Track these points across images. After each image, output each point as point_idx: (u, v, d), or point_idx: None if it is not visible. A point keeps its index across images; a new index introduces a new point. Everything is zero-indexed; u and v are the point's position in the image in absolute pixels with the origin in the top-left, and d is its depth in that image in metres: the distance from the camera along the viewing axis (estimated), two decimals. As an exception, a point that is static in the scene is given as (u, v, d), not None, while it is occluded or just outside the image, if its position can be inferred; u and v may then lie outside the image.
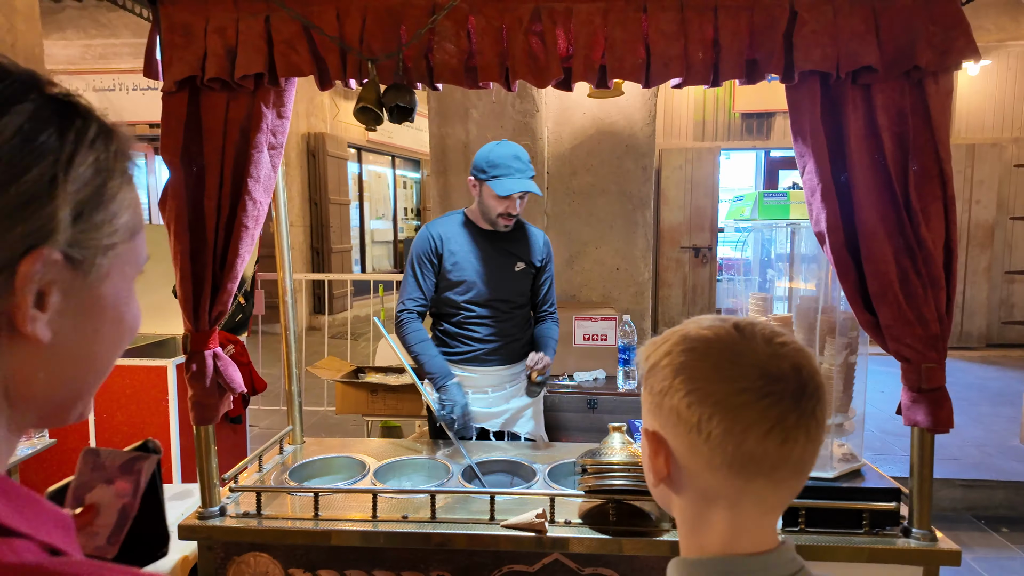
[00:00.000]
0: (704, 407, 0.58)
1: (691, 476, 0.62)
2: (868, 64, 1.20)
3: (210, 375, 1.40)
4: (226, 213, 1.35)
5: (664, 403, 0.62)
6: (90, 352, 0.45)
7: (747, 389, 0.57)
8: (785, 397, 0.57)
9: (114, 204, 0.44)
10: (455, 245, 2.01)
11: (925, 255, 1.26)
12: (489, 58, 1.26)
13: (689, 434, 0.59)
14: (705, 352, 0.61)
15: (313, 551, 1.44)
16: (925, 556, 1.34)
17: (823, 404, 0.59)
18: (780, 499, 0.61)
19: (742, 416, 0.57)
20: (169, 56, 1.29)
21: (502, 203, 1.93)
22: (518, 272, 2.06)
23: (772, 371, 0.58)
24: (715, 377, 0.59)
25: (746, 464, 0.58)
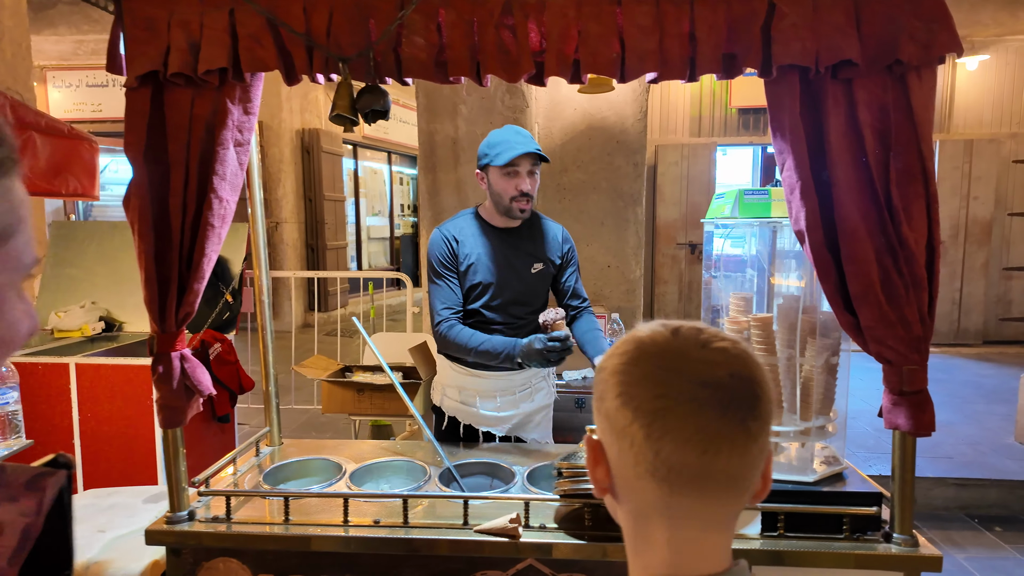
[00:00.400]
0: (628, 411, 0.57)
1: (624, 487, 0.60)
2: (848, 58, 1.17)
3: (177, 377, 1.37)
4: (192, 212, 1.32)
5: (601, 408, 0.61)
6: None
7: (667, 394, 0.55)
8: (710, 405, 0.55)
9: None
10: (469, 246, 1.90)
11: (907, 255, 1.23)
12: (459, 52, 1.23)
13: (618, 440, 0.58)
14: (638, 357, 0.59)
15: (283, 556, 1.42)
16: (906, 562, 1.31)
17: (757, 415, 0.56)
18: (716, 516, 0.58)
19: (660, 422, 0.55)
20: (132, 50, 1.26)
21: (511, 181, 1.80)
22: (535, 274, 1.93)
23: (701, 377, 0.56)
24: (641, 380, 0.57)
25: (668, 474, 0.55)
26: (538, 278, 1.94)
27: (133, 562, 1.56)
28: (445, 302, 1.87)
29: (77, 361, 2.77)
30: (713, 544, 0.59)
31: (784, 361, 1.44)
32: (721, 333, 0.60)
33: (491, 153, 1.82)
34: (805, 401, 1.43)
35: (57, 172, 2.37)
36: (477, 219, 1.95)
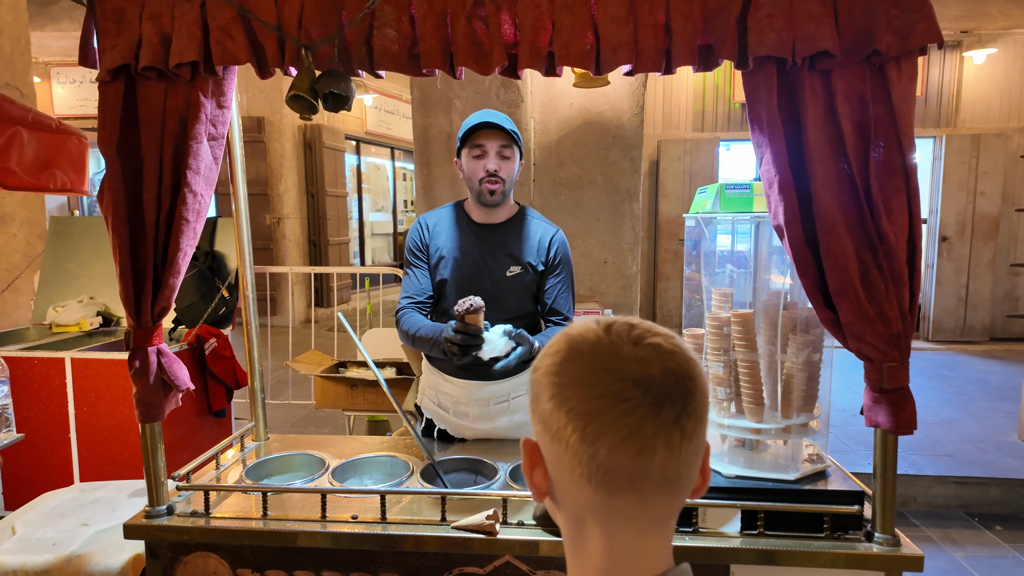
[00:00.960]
0: (562, 414, 0.55)
1: (561, 491, 0.59)
2: (825, 49, 1.14)
3: (153, 372, 1.37)
4: (166, 206, 1.31)
5: (536, 410, 0.59)
6: None
7: (601, 395, 0.54)
8: (643, 404, 0.53)
9: None
10: (441, 239, 1.80)
11: (887, 250, 1.21)
12: (432, 44, 1.21)
13: (553, 444, 0.56)
14: (569, 355, 0.57)
15: (261, 551, 1.42)
16: (887, 561, 1.29)
17: (691, 412, 0.55)
18: (653, 517, 0.57)
19: (594, 424, 0.53)
20: (103, 44, 1.25)
21: (479, 163, 1.70)
22: (511, 277, 1.77)
23: (634, 376, 0.54)
24: (574, 381, 0.56)
25: (604, 477, 0.54)
26: (514, 282, 1.77)
27: (114, 556, 1.57)
28: (407, 291, 1.81)
29: (73, 356, 2.79)
30: (651, 545, 0.58)
31: (765, 358, 1.42)
32: (655, 328, 0.58)
33: (461, 138, 1.75)
34: (787, 398, 1.41)
35: (44, 167, 2.38)
36: (458, 211, 1.85)
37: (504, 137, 1.72)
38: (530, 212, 1.88)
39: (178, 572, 1.43)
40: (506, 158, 1.73)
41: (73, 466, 2.81)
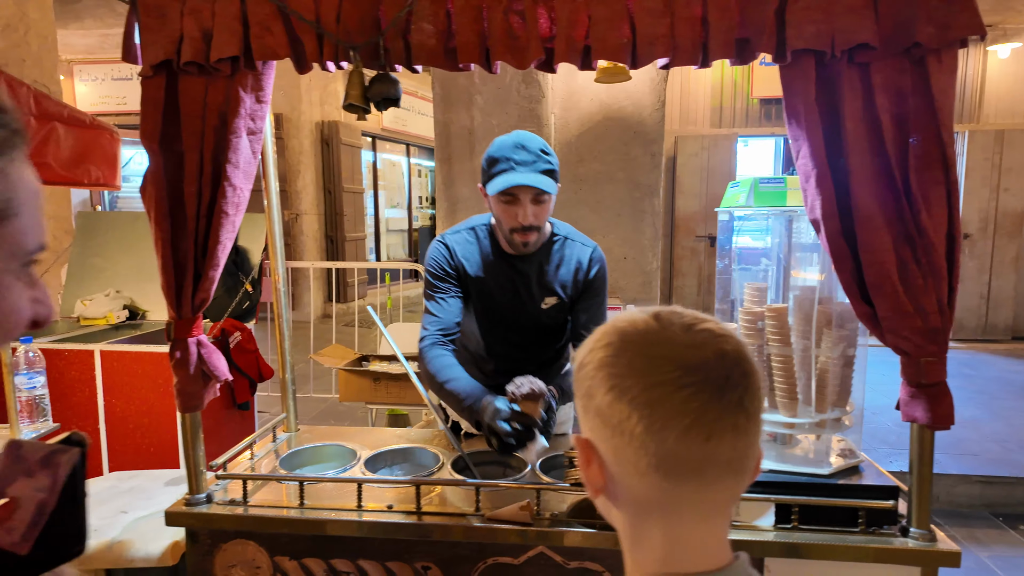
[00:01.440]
0: (623, 404, 0.55)
1: (622, 484, 0.58)
2: (865, 41, 1.14)
3: (194, 363, 1.40)
4: (206, 199, 1.33)
5: (589, 405, 0.58)
6: None
7: (661, 383, 0.53)
8: (705, 388, 0.53)
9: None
10: (469, 268, 1.63)
11: (926, 244, 1.20)
12: (468, 38, 1.22)
13: (614, 437, 0.56)
14: (622, 346, 0.57)
15: (299, 540, 1.44)
16: (923, 556, 1.28)
17: (752, 393, 0.55)
18: (718, 503, 0.57)
19: (659, 412, 0.53)
20: (146, 39, 1.27)
21: (507, 211, 1.50)
22: (546, 309, 1.63)
23: (690, 361, 0.54)
24: (630, 370, 0.55)
25: (672, 465, 0.54)
26: (550, 314, 1.65)
27: (153, 542, 1.60)
28: (433, 321, 1.60)
29: (102, 348, 2.84)
30: (712, 535, 0.58)
31: (799, 352, 1.42)
32: (701, 315, 0.59)
33: (488, 173, 1.52)
34: (820, 393, 1.41)
35: (79, 162, 2.42)
36: (486, 237, 1.65)
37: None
38: (563, 229, 1.68)
39: (217, 558, 1.46)
40: (542, 203, 1.51)
41: (103, 456, 2.86)
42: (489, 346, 1.73)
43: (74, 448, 0.65)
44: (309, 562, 1.45)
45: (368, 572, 1.43)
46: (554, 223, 1.68)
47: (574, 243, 1.67)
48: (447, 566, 1.41)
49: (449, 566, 1.41)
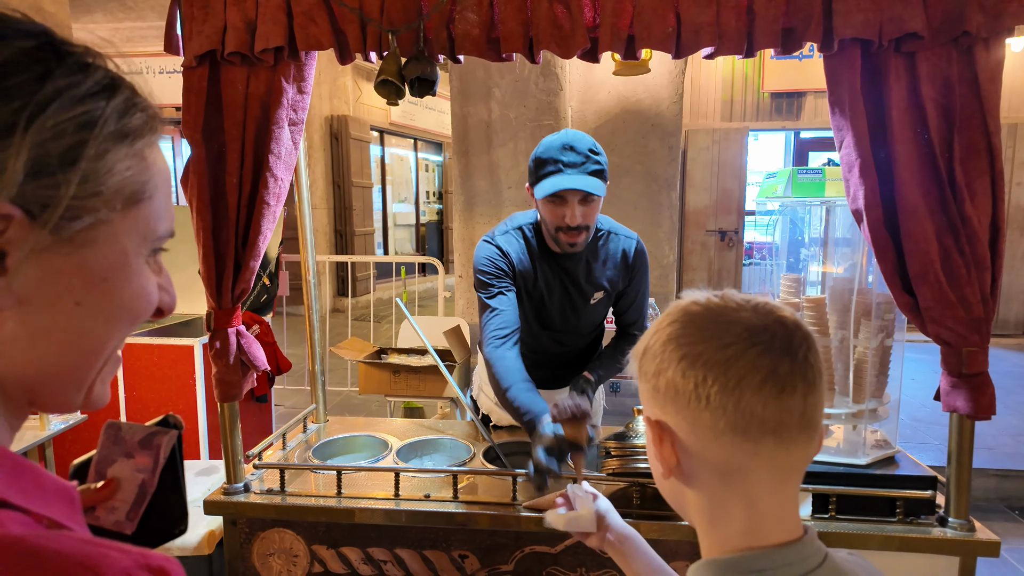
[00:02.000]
0: (696, 369, 0.57)
1: (700, 455, 0.59)
2: (914, 31, 1.13)
3: (233, 352, 1.41)
4: (248, 190, 1.34)
5: (660, 382, 0.60)
6: (76, 327, 0.42)
7: (732, 343, 0.57)
8: (773, 345, 0.56)
9: (98, 165, 0.40)
10: (522, 268, 1.63)
11: (969, 233, 1.20)
12: (512, 27, 1.22)
13: (689, 405, 0.58)
14: (690, 319, 0.60)
15: (336, 528, 1.45)
16: (962, 546, 1.29)
17: (815, 351, 0.58)
18: (795, 462, 0.59)
19: (734, 369, 0.56)
20: (189, 30, 1.28)
21: (554, 212, 1.49)
22: (595, 304, 1.67)
23: (756, 325, 0.58)
24: (701, 338, 0.58)
25: (749, 423, 0.56)
26: (597, 308, 1.69)
27: (189, 531, 1.61)
28: (495, 318, 1.55)
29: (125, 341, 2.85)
30: (788, 502, 0.60)
31: (837, 343, 1.42)
32: (767, 300, 0.62)
33: (536, 174, 1.51)
34: (858, 383, 1.41)
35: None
36: (533, 237, 1.64)
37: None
38: (605, 223, 1.68)
39: (255, 547, 1.47)
40: (591, 203, 1.49)
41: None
42: (533, 342, 1.73)
43: (172, 430, 0.66)
44: (346, 551, 1.46)
45: (405, 561, 1.44)
46: (597, 217, 1.65)
47: (618, 237, 1.68)
48: (484, 554, 1.42)
49: (486, 554, 1.42)
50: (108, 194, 0.41)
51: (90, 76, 0.41)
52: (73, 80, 0.40)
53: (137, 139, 0.43)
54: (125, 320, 0.45)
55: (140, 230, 0.44)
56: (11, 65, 0.37)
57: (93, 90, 0.41)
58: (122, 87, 0.43)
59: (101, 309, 0.43)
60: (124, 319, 0.44)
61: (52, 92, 0.38)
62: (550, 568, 1.40)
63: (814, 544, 0.59)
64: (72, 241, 0.40)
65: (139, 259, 0.45)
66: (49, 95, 0.38)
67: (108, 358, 0.45)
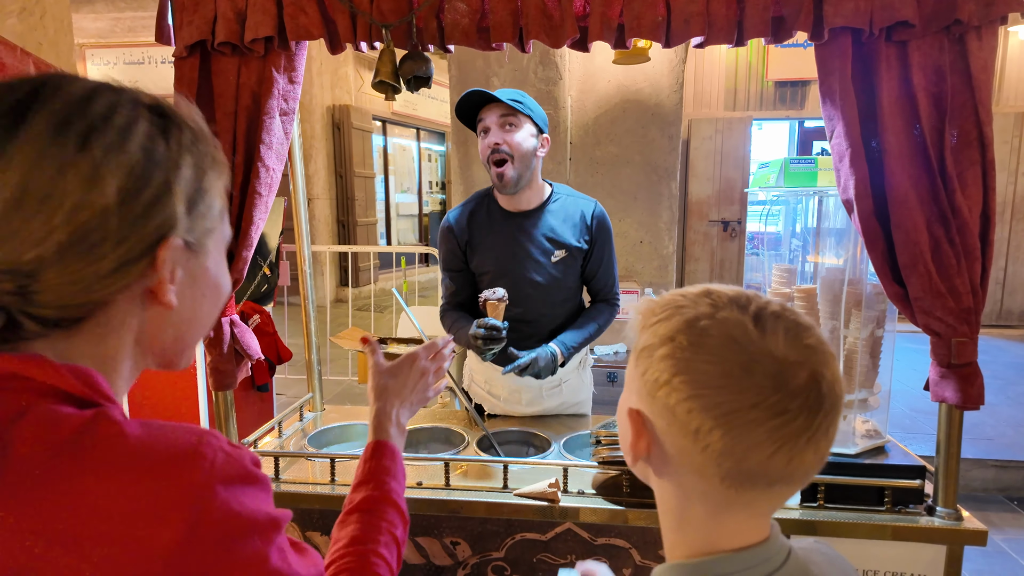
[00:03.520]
0: (707, 417, 0.51)
1: (676, 472, 0.56)
2: (905, 19, 1.13)
3: (227, 341, 1.42)
4: (239, 180, 1.34)
5: (658, 396, 0.54)
6: (199, 312, 0.58)
7: (758, 405, 0.50)
8: (799, 416, 0.50)
9: (209, 195, 0.55)
10: (476, 234, 1.72)
11: (960, 223, 1.20)
12: (502, 17, 1.22)
13: (683, 438, 0.53)
14: (714, 353, 0.52)
15: (330, 515, 1.47)
16: (949, 535, 1.30)
17: (837, 419, 0.53)
18: (772, 506, 0.57)
19: (749, 434, 0.50)
20: (179, 20, 1.28)
21: (483, 142, 1.59)
22: (556, 263, 1.69)
23: (789, 383, 0.50)
24: (723, 385, 0.51)
25: (743, 480, 0.52)
26: (561, 267, 1.70)
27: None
28: (445, 294, 1.86)
29: (124, 330, 2.88)
30: (755, 525, 0.57)
31: (827, 333, 1.42)
32: (796, 315, 0.55)
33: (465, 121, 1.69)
34: (848, 374, 1.41)
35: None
36: (488, 201, 1.74)
37: (502, 106, 1.58)
38: (563, 189, 1.78)
39: (250, 533, 1.49)
40: (511, 126, 1.58)
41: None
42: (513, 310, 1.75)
43: None
44: (340, 537, 1.48)
45: (398, 547, 1.46)
46: (552, 184, 1.78)
47: (575, 199, 1.75)
48: (475, 541, 1.44)
49: (477, 541, 1.44)
50: (217, 214, 0.57)
51: (184, 127, 0.53)
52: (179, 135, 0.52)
53: (221, 169, 0.57)
54: (223, 302, 0.61)
55: (225, 236, 0.60)
56: (150, 139, 0.50)
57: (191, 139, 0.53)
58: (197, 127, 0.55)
59: (213, 297, 0.59)
60: (222, 301, 0.61)
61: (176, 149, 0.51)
62: (541, 555, 1.42)
63: (777, 543, 0.58)
64: (201, 250, 0.56)
65: (224, 256, 0.60)
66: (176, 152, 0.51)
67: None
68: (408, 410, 1.01)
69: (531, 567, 1.43)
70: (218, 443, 0.50)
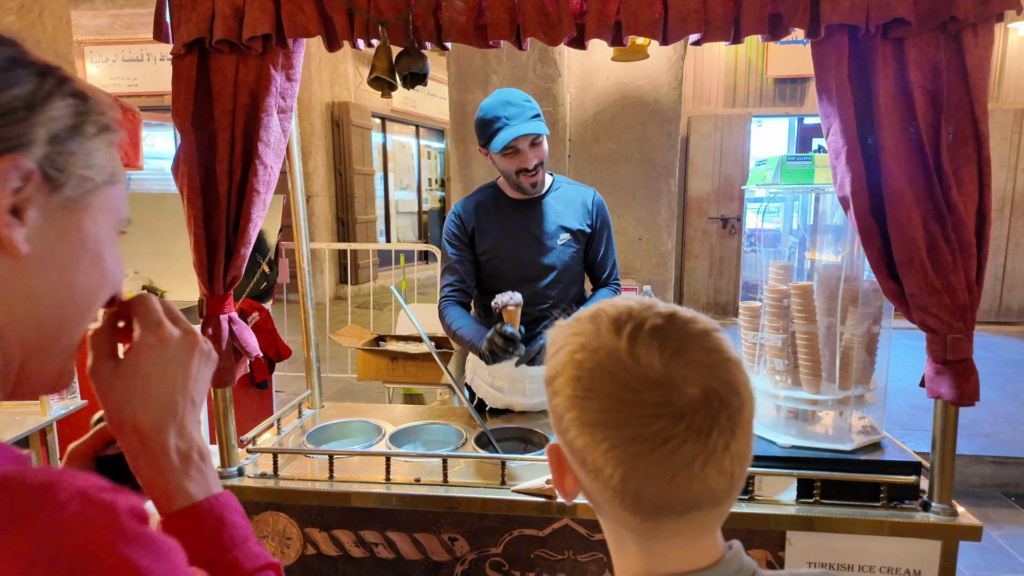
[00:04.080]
0: (597, 454, 0.49)
1: (597, 508, 0.55)
2: (901, 16, 1.13)
3: (225, 339, 1.42)
4: (238, 177, 1.35)
5: (561, 431, 0.53)
6: (70, 285, 0.47)
7: (640, 437, 0.48)
8: (689, 438, 0.47)
9: (90, 144, 0.48)
10: (483, 222, 1.80)
11: (956, 220, 1.20)
12: (499, 15, 1.22)
13: (589, 477, 0.52)
14: (592, 386, 0.50)
15: (328, 512, 1.48)
16: (944, 531, 1.30)
17: (741, 433, 0.50)
18: (706, 528, 0.54)
19: (638, 467, 0.48)
20: (177, 17, 1.28)
21: (511, 160, 1.68)
22: (562, 247, 1.79)
23: (672, 406, 0.48)
24: (603, 421, 0.49)
25: (651, 511, 0.50)
26: (566, 252, 1.80)
27: (185, 514, 1.64)
28: (448, 281, 1.82)
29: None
30: (700, 548, 0.54)
31: (824, 329, 1.43)
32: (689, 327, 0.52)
33: (486, 134, 1.69)
34: (844, 370, 1.42)
35: (103, 143, 2.42)
36: (494, 192, 1.84)
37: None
38: (562, 179, 1.89)
39: (250, 529, 1.50)
40: (538, 144, 1.70)
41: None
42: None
43: None
44: (338, 533, 1.48)
45: (396, 543, 1.47)
46: (552, 174, 1.88)
47: (575, 187, 1.87)
48: (473, 537, 1.45)
49: (475, 537, 1.44)
50: (97, 168, 0.49)
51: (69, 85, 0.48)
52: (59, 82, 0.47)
53: (111, 133, 0.51)
54: (108, 286, 0.51)
55: (116, 206, 0.51)
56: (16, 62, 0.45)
57: (75, 92, 0.48)
58: (89, 96, 0.50)
59: (95, 270, 0.49)
60: (108, 284, 0.51)
61: (52, 86, 0.46)
62: (538, 551, 1.43)
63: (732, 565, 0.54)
64: (73, 203, 0.47)
65: (115, 234, 0.51)
66: (50, 87, 0.46)
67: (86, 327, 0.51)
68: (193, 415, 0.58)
69: (529, 563, 1.43)
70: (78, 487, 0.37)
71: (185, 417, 0.56)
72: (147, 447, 0.54)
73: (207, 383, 0.59)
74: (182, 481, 0.54)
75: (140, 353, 0.54)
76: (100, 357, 0.54)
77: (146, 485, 0.54)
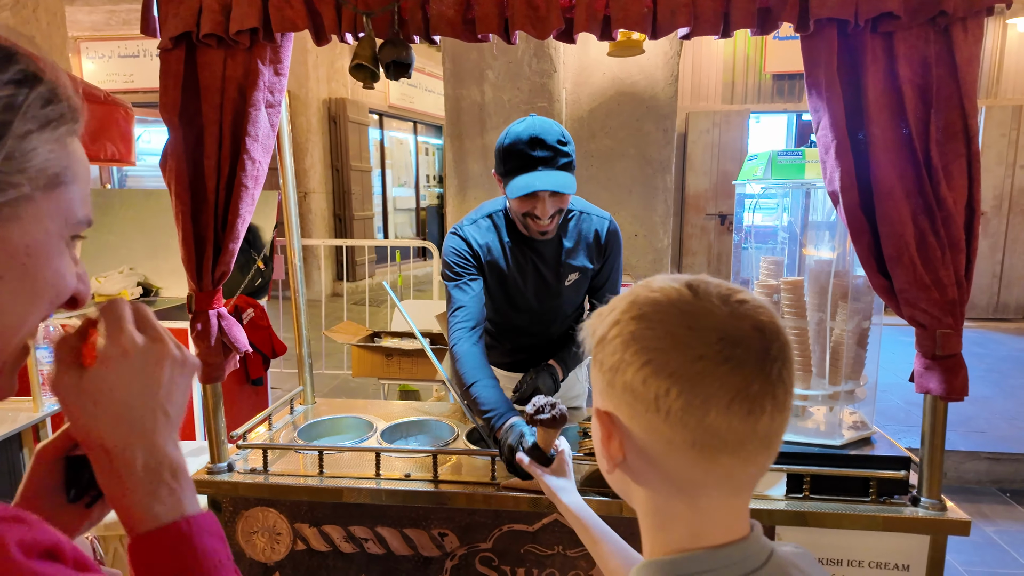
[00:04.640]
0: (660, 380, 0.53)
1: (651, 461, 0.56)
2: (890, 10, 1.12)
3: (214, 334, 1.42)
4: (226, 173, 1.34)
5: (616, 380, 0.56)
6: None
7: (703, 356, 0.52)
8: (747, 362, 0.52)
9: (21, 145, 0.42)
10: (491, 252, 1.63)
11: (945, 216, 1.20)
12: (487, 8, 1.21)
13: (647, 413, 0.54)
14: (657, 318, 0.55)
15: (318, 507, 1.47)
16: (933, 525, 1.30)
17: (789, 367, 0.54)
18: (749, 477, 0.56)
19: (702, 386, 0.52)
20: (164, 12, 1.27)
21: (523, 203, 1.49)
22: (569, 286, 1.68)
23: (731, 334, 0.52)
24: (670, 345, 0.53)
25: (711, 441, 0.53)
26: (572, 289, 1.70)
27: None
28: (460, 311, 1.57)
29: (118, 324, 2.87)
30: (737, 508, 0.57)
31: (814, 325, 1.43)
32: (732, 284, 0.57)
33: (505, 167, 1.50)
34: (834, 365, 1.42)
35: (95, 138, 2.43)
36: (503, 223, 1.65)
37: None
38: (579, 205, 1.69)
39: (239, 525, 1.50)
40: (559, 195, 1.48)
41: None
42: (511, 326, 1.77)
43: None
44: (328, 529, 1.48)
45: (386, 539, 1.47)
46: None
47: (590, 217, 1.69)
48: (463, 533, 1.44)
49: (465, 533, 1.44)
50: (32, 173, 0.43)
51: (12, 66, 0.43)
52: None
53: (59, 126, 0.45)
54: (44, 300, 0.46)
55: (61, 212, 0.46)
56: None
57: (15, 78, 0.43)
58: (44, 80, 0.45)
59: (23, 285, 0.44)
60: (44, 298, 0.46)
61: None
62: (528, 546, 1.43)
63: (759, 542, 0.57)
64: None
65: (60, 242, 0.46)
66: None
67: (21, 341, 0.47)
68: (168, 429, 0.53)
69: (519, 558, 1.43)
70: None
71: (156, 433, 0.50)
72: (112, 464, 0.49)
73: (185, 393, 0.53)
74: (148, 502, 0.49)
75: (101, 364, 0.49)
76: (63, 368, 0.49)
77: (111, 504, 0.51)
